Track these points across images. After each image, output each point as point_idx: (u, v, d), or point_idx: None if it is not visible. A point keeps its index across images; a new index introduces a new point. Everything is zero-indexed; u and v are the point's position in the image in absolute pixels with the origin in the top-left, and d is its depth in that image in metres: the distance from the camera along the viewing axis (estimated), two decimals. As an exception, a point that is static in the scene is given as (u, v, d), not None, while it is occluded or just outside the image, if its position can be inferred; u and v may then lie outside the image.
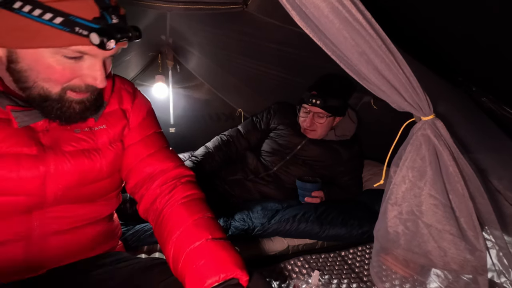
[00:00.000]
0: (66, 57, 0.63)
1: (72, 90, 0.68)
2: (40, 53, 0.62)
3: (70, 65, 0.65)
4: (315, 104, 1.71)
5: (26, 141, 0.70)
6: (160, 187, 0.86)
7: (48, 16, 0.58)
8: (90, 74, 0.67)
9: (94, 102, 0.74)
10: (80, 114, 0.72)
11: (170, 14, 1.63)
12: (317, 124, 1.77)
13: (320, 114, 1.74)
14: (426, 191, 0.91)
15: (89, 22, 0.60)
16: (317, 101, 1.69)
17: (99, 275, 0.81)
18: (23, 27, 0.59)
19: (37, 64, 0.63)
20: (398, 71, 0.79)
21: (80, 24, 0.60)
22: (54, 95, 0.67)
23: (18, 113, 0.68)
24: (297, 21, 0.72)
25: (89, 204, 0.84)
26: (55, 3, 0.58)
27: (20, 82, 0.66)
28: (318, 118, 1.76)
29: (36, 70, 0.64)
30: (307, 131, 1.81)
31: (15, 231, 0.73)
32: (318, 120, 1.76)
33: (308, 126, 1.78)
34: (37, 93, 0.66)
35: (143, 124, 0.91)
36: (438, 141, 0.88)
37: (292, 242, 1.47)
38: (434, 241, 0.92)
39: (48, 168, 0.72)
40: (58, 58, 0.63)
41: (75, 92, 0.68)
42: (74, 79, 0.67)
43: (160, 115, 1.01)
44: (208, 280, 0.66)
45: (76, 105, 0.70)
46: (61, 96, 0.67)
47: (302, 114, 1.81)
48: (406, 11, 1.26)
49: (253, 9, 1.46)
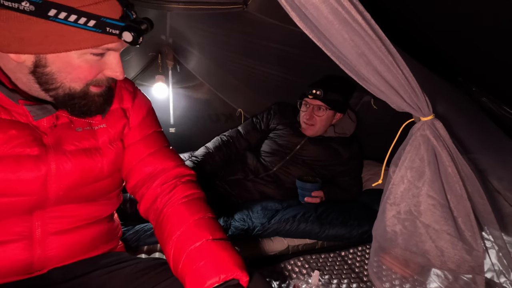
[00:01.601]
0: (93, 55, 0.66)
1: (94, 85, 0.71)
2: (70, 55, 0.64)
3: (96, 62, 0.68)
4: (315, 96, 1.73)
5: (28, 142, 0.70)
6: (160, 186, 0.86)
7: (82, 20, 0.61)
8: (111, 67, 0.70)
9: (110, 94, 0.77)
10: (101, 106, 0.75)
11: (170, 14, 1.63)
12: (316, 118, 1.78)
13: (319, 106, 1.76)
14: (424, 191, 0.91)
15: (117, 21, 0.64)
16: (317, 91, 1.72)
17: (99, 275, 0.81)
18: (58, 32, 0.61)
19: (67, 66, 0.65)
20: (397, 72, 0.80)
21: (110, 24, 0.63)
22: (79, 92, 0.69)
23: (31, 107, 0.69)
24: (296, 22, 0.73)
25: (90, 204, 0.84)
26: (87, 7, 0.61)
27: (46, 84, 0.67)
28: (318, 111, 1.77)
29: (65, 72, 0.66)
30: (306, 126, 1.82)
31: (16, 231, 0.73)
32: (317, 113, 1.78)
33: (308, 119, 1.79)
34: (63, 93, 0.68)
35: (143, 123, 0.91)
36: (437, 142, 0.88)
37: (292, 242, 1.47)
38: (431, 240, 0.92)
39: (49, 168, 0.73)
40: (86, 57, 0.66)
41: (96, 87, 0.71)
42: (98, 76, 0.70)
43: (160, 115, 1.01)
44: (209, 281, 0.66)
45: (98, 98, 0.73)
46: (85, 92, 0.70)
47: (302, 108, 1.83)
48: (406, 12, 1.26)
49: (253, 9, 1.46)
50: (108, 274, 0.81)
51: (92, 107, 0.73)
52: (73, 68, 0.66)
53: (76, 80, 0.68)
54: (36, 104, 0.70)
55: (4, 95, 0.68)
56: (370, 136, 2.00)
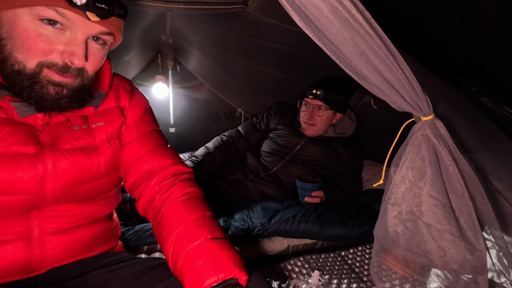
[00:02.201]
0: (44, 23, 0.61)
1: (48, 68, 0.64)
2: (19, 16, 0.61)
3: (47, 35, 0.62)
4: (315, 96, 1.74)
5: (24, 141, 0.70)
6: (158, 184, 0.86)
7: None
8: (68, 49, 0.64)
9: (76, 92, 0.69)
10: (55, 100, 0.67)
11: (170, 14, 1.63)
12: (316, 118, 1.78)
13: (320, 106, 1.76)
14: (425, 191, 0.91)
15: None
16: (317, 91, 1.72)
17: (98, 275, 0.81)
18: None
19: (13, 29, 0.61)
20: (397, 71, 0.79)
21: None
22: (28, 70, 0.63)
23: (17, 103, 0.68)
24: (296, 21, 0.72)
25: (88, 203, 0.84)
26: None
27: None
28: (318, 111, 1.78)
29: (12, 38, 0.62)
30: (306, 126, 1.82)
31: (15, 231, 0.73)
32: (317, 113, 1.78)
33: (308, 119, 1.79)
34: (10, 66, 0.63)
35: (141, 122, 0.91)
36: (438, 141, 0.88)
37: (292, 242, 1.47)
38: (433, 241, 0.92)
39: (46, 167, 0.72)
40: (35, 23, 0.61)
41: (52, 71, 0.65)
42: (52, 55, 0.64)
43: (160, 115, 1.01)
44: (207, 280, 0.66)
45: (51, 88, 0.66)
46: (36, 72, 0.64)
47: (303, 108, 1.84)
48: (406, 11, 1.25)
49: (253, 9, 1.46)
50: (107, 274, 0.81)
51: (40, 94, 0.65)
52: (18, 32, 0.61)
53: (21, 51, 0.62)
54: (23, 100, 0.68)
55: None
56: (370, 136, 2.00)
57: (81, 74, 0.69)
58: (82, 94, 0.72)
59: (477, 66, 1.38)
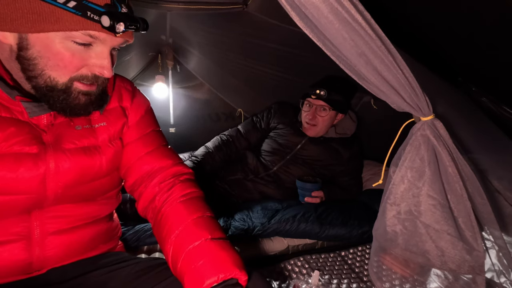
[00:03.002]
0: (76, 43, 0.64)
1: (79, 81, 0.68)
2: (51, 38, 0.63)
3: (79, 52, 0.65)
4: (319, 96, 1.73)
5: (27, 140, 0.70)
6: (158, 184, 0.86)
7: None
8: (98, 62, 0.67)
9: (100, 96, 0.74)
10: (85, 107, 0.72)
11: (170, 14, 1.63)
12: (319, 118, 1.78)
13: (322, 107, 1.76)
14: (424, 191, 0.91)
15: (100, 7, 0.62)
16: (321, 92, 1.72)
17: (99, 275, 0.81)
18: (36, 9, 0.60)
19: (46, 50, 0.63)
20: (397, 71, 0.79)
21: (91, 9, 0.61)
22: (60, 85, 0.67)
23: (28, 103, 0.69)
24: (296, 22, 0.73)
25: (89, 204, 0.84)
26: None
27: (28, 71, 0.66)
28: (320, 111, 1.77)
29: (45, 57, 0.64)
30: (308, 126, 1.81)
31: (15, 231, 0.73)
32: (320, 113, 1.78)
33: (310, 119, 1.79)
34: (43, 83, 0.66)
35: (142, 122, 0.91)
36: (437, 142, 0.88)
37: (292, 242, 1.47)
38: (432, 241, 0.92)
39: (48, 166, 0.72)
40: (67, 44, 0.63)
41: (82, 84, 0.69)
42: (82, 69, 0.67)
43: (160, 115, 1.01)
44: (207, 281, 0.66)
45: (82, 97, 0.70)
46: (68, 86, 0.68)
47: (305, 108, 1.83)
48: (406, 12, 1.26)
49: (253, 9, 1.46)
50: (107, 274, 0.81)
51: (72, 104, 0.70)
52: (53, 54, 0.63)
53: (55, 69, 0.65)
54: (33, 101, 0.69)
55: (3, 91, 0.67)
56: (370, 136, 2.00)
57: (103, 80, 0.73)
58: (103, 96, 0.76)
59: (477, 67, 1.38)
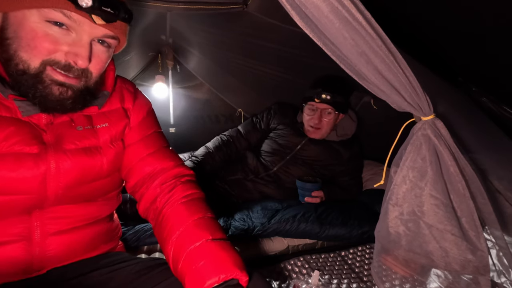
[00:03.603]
0: (51, 24, 0.63)
1: (51, 66, 0.65)
2: (27, 17, 0.62)
3: (53, 35, 0.64)
4: (325, 100, 1.71)
5: (28, 140, 0.70)
6: (160, 186, 0.86)
7: None
8: (73, 50, 0.65)
9: (81, 94, 0.70)
10: (60, 101, 0.68)
11: (170, 14, 1.63)
12: (324, 121, 1.78)
13: (327, 110, 1.75)
14: (427, 191, 0.91)
15: None
16: (327, 96, 1.70)
17: (99, 275, 0.81)
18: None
19: (21, 29, 0.63)
20: (398, 71, 0.79)
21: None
22: (32, 69, 0.64)
23: (21, 102, 0.68)
24: (297, 21, 0.72)
25: (89, 204, 0.84)
26: None
27: (3, 52, 0.65)
28: (326, 114, 1.76)
29: (19, 37, 0.63)
30: (312, 130, 1.80)
31: (15, 232, 0.73)
32: (325, 117, 1.77)
33: (317, 124, 1.77)
34: (15, 65, 0.64)
35: (143, 124, 0.92)
36: (439, 141, 0.88)
37: (292, 242, 1.47)
38: (435, 241, 0.91)
39: (49, 166, 0.72)
40: (43, 24, 0.63)
41: (54, 70, 0.66)
42: (56, 53, 0.65)
43: (160, 115, 1.01)
44: (208, 281, 0.66)
45: (55, 88, 0.67)
46: (40, 71, 0.65)
47: (308, 112, 1.80)
48: (406, 11, 1.25)
49: (253, 9, 1.46)
50: (107, 274, 0.81)
51: (43, 93, 0.66)
52: (26, 32, 0.62)
53: (27, 49, 0.63)
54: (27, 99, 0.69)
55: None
56: (370, 136, 2.00)
57: (84, 75, 0.70)
58: (86, 95, 0.73)
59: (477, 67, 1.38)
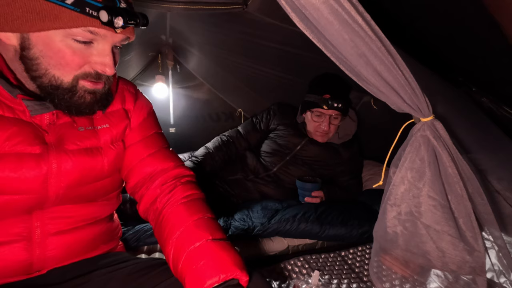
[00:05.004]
0: (76, 41, 0.64)
1: (83, 79, 0.69)
2: (51, 37, 0.63)
3: (80, 50, 0.66)
4: (335, 108, 1.69)
5: (30, 140, 0.70)
6: (160, 186, 0.87)
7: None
8: (99, 60, 0.68)
9: (105, 95, 0.75)
10: (90, 105, 0.72)
11: (170, 14, 1.63)
12: (332, 127, 1.78)
13: (336, 116, 1.75)
14: (425, 192, 0.91)
15: (98, 3, 0.62)
16: (338, 104, 1.68)
17: (99, 275, 0.81)
18: (35, 8, 0.60)
19: (48, 49, 0.64)
20: (397, 72, 0.79)
21: (90, 5, 0.62)
22: (65, 84, 0.67)
23: (30, 102, 0.69)
24: (296, 23, 0.73)
25: (90, 204, 0.84)
26: None
27: (32, 71, 0.66)
28: (333, 120, 1.77)
29: (47, 56, 0.65)
30: (320, 135, 1.80)
31: (16, 232, 0.73)
32: (333, 122, 1.77)
33: (327, 130, 1.77)
34: (48, 82, 0.67)
35: (144, 125, 0.92)
36: (437, 142, 0.88)
37: (292, 242, 1.47)
38: (432, 241, 0.92)
39: (51, 167, 0.73)
40: (68, 42, 0.64)
41: (87, 81, 0.69)
42: (85, 66, 0.68)
43: (160, 115, 1.01)
44: (208, 281, 0.67)
45: (88, 96, 0.71)
46: (73, 85, 0.68)
47: (315, 118, 1.78)
48: (406, 13, 1.26)
49: (253, 9, 1.46)
50: (108, 274, 0.81)
51: (77, 103, 0.70)
52: (54, 52, 0.64)
53: (58, 68, 0.65)
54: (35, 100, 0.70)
55: (5, 90, 0.68)
56: (370, 136, 2.00)
57: (108, 79, 0.73)
58: (108, 96, 0.77)
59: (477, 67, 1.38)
